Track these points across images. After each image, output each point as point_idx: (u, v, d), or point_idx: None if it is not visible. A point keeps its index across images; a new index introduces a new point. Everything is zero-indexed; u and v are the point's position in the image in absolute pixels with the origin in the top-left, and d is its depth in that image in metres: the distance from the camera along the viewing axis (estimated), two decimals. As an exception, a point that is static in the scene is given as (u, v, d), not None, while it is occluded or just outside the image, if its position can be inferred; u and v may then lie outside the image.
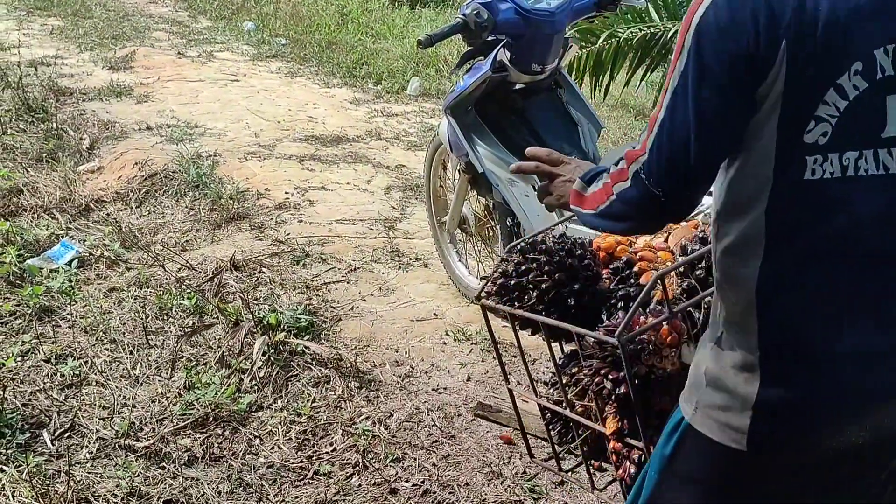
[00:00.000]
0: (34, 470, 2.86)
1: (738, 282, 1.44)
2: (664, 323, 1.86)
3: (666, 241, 2.15)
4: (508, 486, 3.04)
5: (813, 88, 1.33)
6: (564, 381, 2.14)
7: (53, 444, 3.06)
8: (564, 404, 2.15)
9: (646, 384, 1.89)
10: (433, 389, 3.59)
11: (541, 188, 1.96)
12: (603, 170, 1.65)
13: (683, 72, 1.38)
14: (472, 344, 3.92)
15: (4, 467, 2.90)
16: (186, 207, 5.20)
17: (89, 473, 2.94)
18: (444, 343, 3.95)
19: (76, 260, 4.38)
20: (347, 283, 4.45)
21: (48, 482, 2.84)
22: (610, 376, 1.90)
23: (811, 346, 1.41)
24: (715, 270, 1.52)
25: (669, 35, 5.64)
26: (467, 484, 3.04)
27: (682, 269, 1.97)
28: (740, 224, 1.42)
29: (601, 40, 5.90)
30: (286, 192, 5.52)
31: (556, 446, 2.35)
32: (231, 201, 5.20)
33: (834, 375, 1.41)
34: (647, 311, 1.91)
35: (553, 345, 2.26)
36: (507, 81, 3.71)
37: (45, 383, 3.40)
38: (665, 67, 6.83)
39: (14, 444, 3.02)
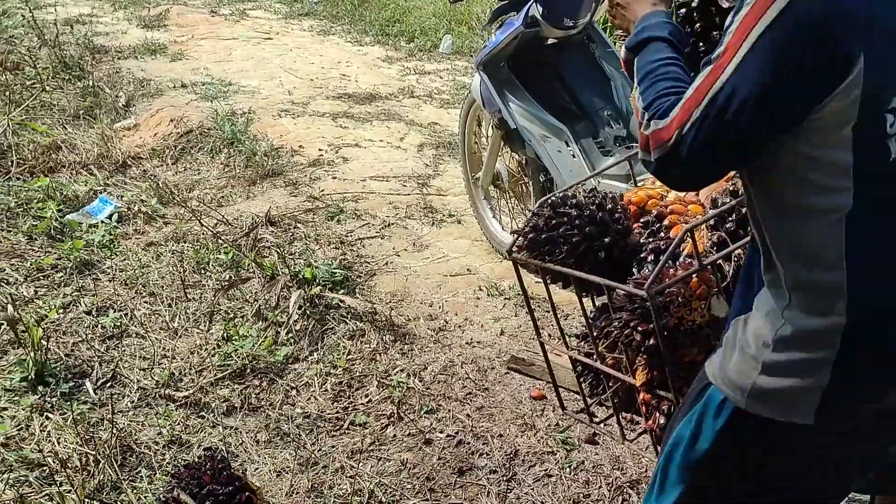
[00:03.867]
0: (78, 417, 2.95)
1: (822, 248, 1.43)
2: (693, 275, 1.88)
3: (697, 193, 2.16)
4: (541, 437, 3.09)
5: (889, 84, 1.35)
6: (595, 334, 2.17)
7: (96, 394, 3.15)
8: (595, 357, 2.18)
9: (675, 336, 1.91)
10: (467, 343, 3.63)
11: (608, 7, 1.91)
12: (648, 37, 1.63)
13: (753, 47, 1.35)
14: (504, 299, 3.96)
15: (50, 414, 2.99)
16: (221, 164, 5.25)
17: (131, 422, 3.02)
18: (478, 298, 3.98)
19: (115, 215, 4.46)
20: (381, 238, 4.49)
21: (92, 429, 2.92)
22: (639, 328, 1.92)
23: (884, 320, 1.43)
24: (777, 240, 1.49)
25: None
26: (500, 435, 3.09)
27: (712, 223, 1.98)
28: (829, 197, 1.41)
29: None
30: (320, 149, 5.56)
31: (587, 398, 2.38)
32: (265, 158, 5.25)
33: None
34: (677, 263, 1.92)
35: (584, 298, 2.29)
36: (540, 37, 3.70)
37: (86, 334, 3.48)
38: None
39: (58, 393, 3.11)
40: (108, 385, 3.22)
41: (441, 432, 3.10)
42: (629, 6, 1.78)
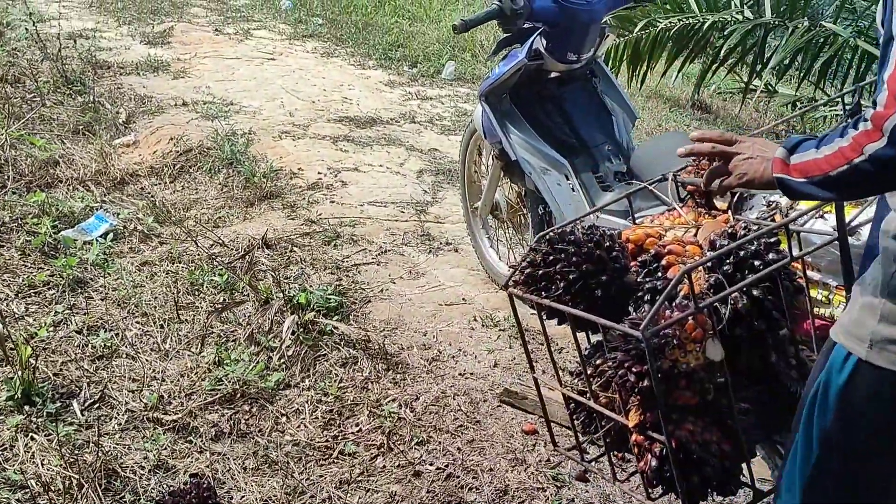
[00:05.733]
0: (64, 439, 2.92)
1: None
2: (689, 318, 1.86)
3: (695, 235, 2.15)
4: (532, 473, 3.06)
5: None
6: (589, 372, 2.14)
7: (83, 415, 3.11)
8: (588, 395, 2.16)
9: (669, 378, 1.89)
10: (460, 374, 3.60)
11: (714, 169, 1.94)
12: (805, 139, 1.63)
13: None
14: (499, 330, 3.93)
15: (35, 435, 2.95)
16: (220, 184, 5.24)
17: (117, 444, 2.99)
18: (472, 328, 3.96)
19: (110, 233, 4.44)
20: (377, 265, 4.47)
21: (77, 451, 2.89)
22: (634, 369, 1.90)
23: None
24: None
25: (706, 26, 5.59)
26: (491, 469, 3.06)
27: (709, 265, 1.97)
28: None
29: (638, 29, 5.85)
30: (319, 173, 5.55)
31: (579, 436, 2.36)
32: (264, 179, 5.23)
33: None
34: (674, 304, 1.90)
35: (579, 335, 2.27)
36: (543, 70, 3.70)
37: (76, 354, 3.45)
38: (702, 59, 6.77)
39: (45, 413, 3.08)
40: (96, 406, 3.19)
41: (431, 465, 3.07)
42: (766, 146, 1.83)
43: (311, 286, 4.02)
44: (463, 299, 4.21)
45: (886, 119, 1.41)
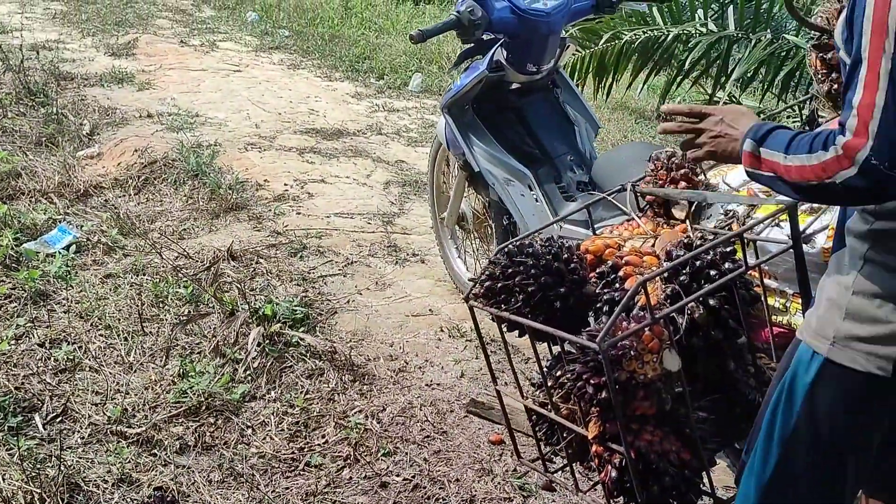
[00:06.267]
0: (25, 453, 2.89)
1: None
2: (646, 329, 1.88)
3: (653, 245, 2.18)
4: (498, 483, 3.07)
5: None
6: (550, 384, 2.17)
7: (45, 429, 3.09)
8: (549, 407, 2.18)
9: (627, 389, 1.92)
10: (426, 385, 3.61)
11: (686, 142, 1.97)
12: (774, 127, 1.68)
13: None
14: (466, 341, 3.95)
15: (-3, 450, 2.93)
16: (185, 196, 5.22)
17: (80, 458, 2.97)
18: (439, 339, 3.97)
19: (73, 245, 4.41)
20: (344, 276, 4.47)
21: (39, 466, 2.86)
22: (592, 381, 1.92)
23: None
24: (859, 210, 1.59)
25: (670, 38, 5.66)
26: (458, 480, 3.07)
27: (666, 275, 1.99)
28: None
29: (603, 41, 5.91)
30: (285, 184, 5.54)
31: (542, 447, 2.38)
32: (230, 191, 5.22)
33: None
34: (631, 316, 1.93)
35: (541, 346, 2.29)
36: (504, 81, 3.72)
37: (38, 367, 3.42)
38: (667, 71, 6.85)
39: (6, 428, 3.05)
40: (59, 420, 3.16)
41: (398, 476, 3.07)
42: (736, 121, 1.83)
43: (276, 298, 4.02)
44: (430, 310, 4.22)
45: (857, 151, 1.46)
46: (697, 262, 1.97)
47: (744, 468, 1.86)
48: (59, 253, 4.30)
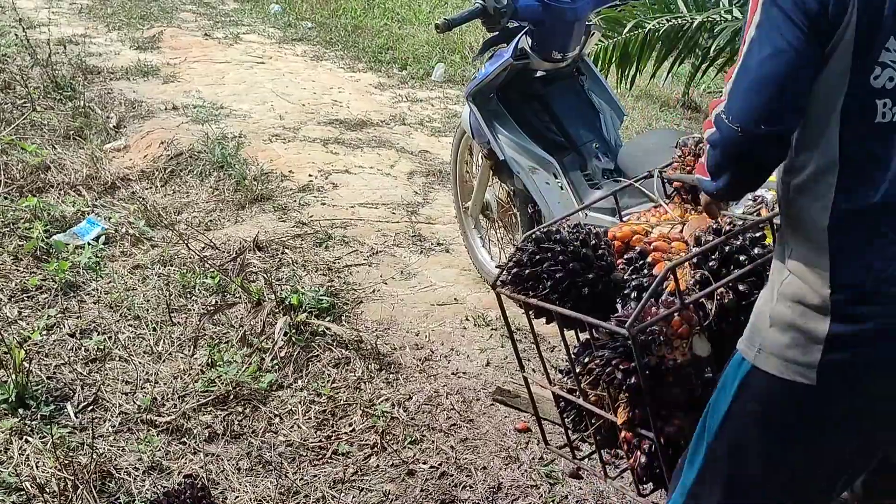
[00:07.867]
0: (58, 441, 2.93)
1: (808, 221, 1.51)
2: (675, 314, 1.88)
3: (681, 231, 2.17)
4: (525, 470, 3.08)
5: (877, 36, 1.42)
6: (578, 371, 2.17)
7: (77, 417, 3.13)
8: (577, 393, 2.18)
9: (657, 374, 1.91)
10: (452, 373, 3.62)
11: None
12: None
13: (760, 22, 1.47)
14: (491, 329, 3.95)
15: (29, 438, 2.97)
16: (211, 188, 5.25)
17: (111, 446, 3.00)
18: (464, 328, 3.98)
19: (101, 237, 4.45)
20: (369, 266, 4.49)
21: (71, 454, 2.90)
22: (621, 367, 1.92)
23: (884, 284, 1.47)
24: (782, 215, 1.61)
25: (694, 26, 5.61)
26: (484, 468, 3.08)
27: (695, 260, 1.99)
28: (813, 155, 1.50)
29: (626, 30, 5.86)
30: (310, 175, 5.56)
31: (570, 434, 2.38)
32: (255, 182, 5.25)
33: None
34: (660, 301, 1.93)
35: (568, 333, 2.29)
36: (529, 69, 3.72)
37: (69, 357, 3.46)
38: (692, 60, 6.79)
39: (38, 416, 3.09)
40: (90, 409, 3.20)
41: (424, 463, 3.09)
42: None
43: (302, 287, 4.04)
44: (455, 299, 4.23)
45: (715, 107, 1.57)
46: (727, 248, 1.97)
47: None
48: (88, 244, 4.34)
